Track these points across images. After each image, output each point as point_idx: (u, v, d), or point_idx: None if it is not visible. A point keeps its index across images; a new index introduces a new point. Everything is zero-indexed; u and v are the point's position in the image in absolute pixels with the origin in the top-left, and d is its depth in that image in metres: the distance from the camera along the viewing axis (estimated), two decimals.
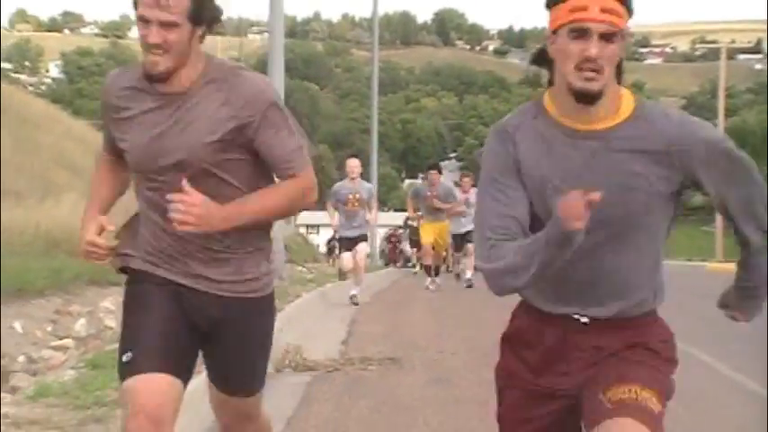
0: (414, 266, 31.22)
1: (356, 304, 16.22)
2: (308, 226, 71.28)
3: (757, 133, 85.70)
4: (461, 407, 7.93)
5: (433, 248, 20.14)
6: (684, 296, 20.88)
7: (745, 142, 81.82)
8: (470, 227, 20.82)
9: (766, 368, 6.67)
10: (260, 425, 4.42)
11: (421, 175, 49.49)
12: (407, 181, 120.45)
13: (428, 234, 19.98)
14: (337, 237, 17.37)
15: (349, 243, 16.62)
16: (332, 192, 16.69)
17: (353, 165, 16.51)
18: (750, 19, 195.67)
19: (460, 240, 20.78)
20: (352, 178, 16.45)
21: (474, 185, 22.32)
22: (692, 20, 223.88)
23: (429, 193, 19.49)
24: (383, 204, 54.43)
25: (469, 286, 20.22)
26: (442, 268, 22.86)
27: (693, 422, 7.40)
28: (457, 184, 21.92)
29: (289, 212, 3.99)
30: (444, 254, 22.96)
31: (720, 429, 7.40)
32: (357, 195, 16.34)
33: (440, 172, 19.89)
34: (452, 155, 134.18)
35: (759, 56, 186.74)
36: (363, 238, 16.92)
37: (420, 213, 20.83)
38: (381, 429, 7.16)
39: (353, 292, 16.66)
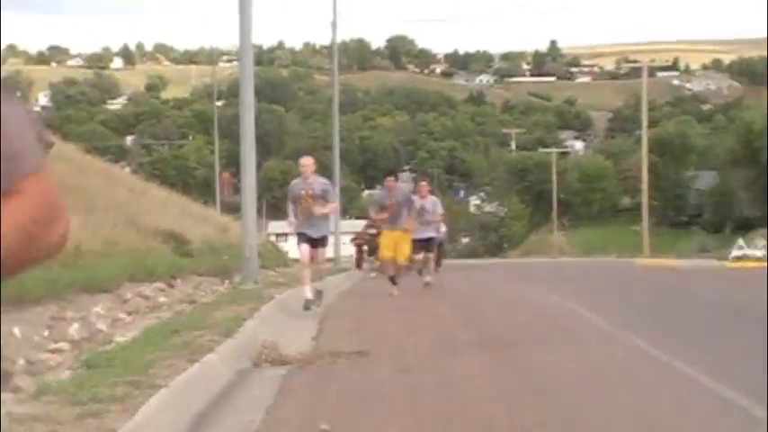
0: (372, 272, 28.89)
1: (308, 309, 14.34)
2: (277, 234, 70.90)
3: (676, 142, 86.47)
4: (424, 393, 7.90)
5: (394, 259, 18.10)
6: (616, 287, 20.99)
7: (666, 150, 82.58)
8: (431, 233, 19.94)
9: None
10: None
11: (378, 186, 49.22)
12: (366, 191, 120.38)
13: (388, 245, 18.00)
14: (295, 233, 15.01)
15: (309, 240, 14.72)
16: (287, 190, 15.18)
17: (306, 162, 14.86)
18: (667, 40, 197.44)
19: (421, 247, 19.25)
20: (306, 177, 14.70)
21: (431, 192, 21.92)
22: (617, 42, 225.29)
23: (388, 201, 17.83)
24: (345, 212, 54.32)
25: (427, 284, 19.59)
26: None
27: (627, 405, 7.40)
28: (413, 193, 20.58)
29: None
30: (406, 262, 19.87)
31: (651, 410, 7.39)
32: (310, 192, 14.55)
33: (396, 178, 18.80)
34: (406, 167, 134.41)
35: (676, 73, 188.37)
36: (322, 242, 15.06)
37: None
38: (353, 415, 7.11)
39: (309, 295, 14.64)
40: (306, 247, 14.57)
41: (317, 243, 14.75)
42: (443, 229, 25.55)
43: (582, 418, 6.89)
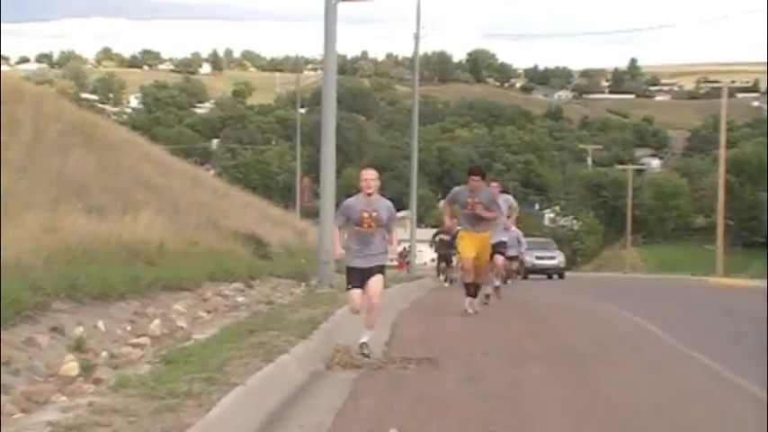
0: (447, 280, 28.25)
1: (366, 356, 10.36)
2: None
3: (754, 163, 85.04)
4: (490, 402, 7.89)
5: (476, 263, 15.20)
6: (689, 306, 20.70)
7: (743, 170, 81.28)
8: (503, 237, 18.43)
9: (767, 372, 6.53)
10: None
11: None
12: (442, 201, 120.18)
13: (468, 245, 15.16)
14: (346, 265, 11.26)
15: (360, 276, 10.90)
16: (339, 210, 11.28)
17: (369, 176, 10.91)
18: (748, 61, 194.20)
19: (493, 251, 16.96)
20: (368, 194, 10.83)
21: (504, 191, 19.98)
22: (697, 61, 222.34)
23: (470, 200, 14.77)
24: (420, 221, 54.36)
25: (486, 303, 17.13)
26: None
27: (695, 423, 7.32)
28: None
29: None
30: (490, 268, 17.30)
31: (721, 431, 7.30)
32: (374, 214, 10.75)
33: (482, 177, 15.18)
34: None
35: (756, 94, 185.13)
36: (379, 270, 10.96)
37: (457, 223, 16.44)
38: (419, 420, 7.12)
39: (364, 339, 10.68)
40: (357, 293, 10.91)
41: (370, 273, 10.93)
42: (515, 232, 22.70)
43: None
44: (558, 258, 44.15)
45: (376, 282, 10.85)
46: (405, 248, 42.22)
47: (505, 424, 7.04)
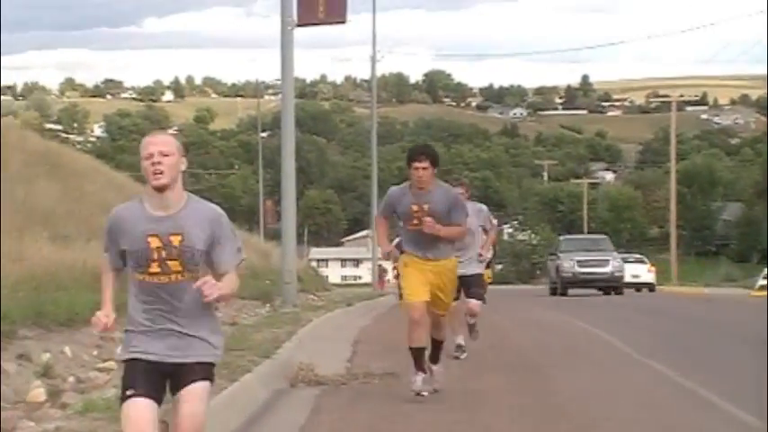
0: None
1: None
2: (318, 260, 71.01)
3: (704, 174, 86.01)
4: (451, 414, 7.94)
5: (431, 312, 8.70)
6: (645, 315, 20.86)
7: (694, 181, 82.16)
8: (478, 268, 11.29)
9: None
10: None
11: None
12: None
13: (415, 283, 8.61)
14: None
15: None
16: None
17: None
18: (696, 75, 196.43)
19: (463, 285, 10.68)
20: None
21: (469, 198, 11.24)
22: (647, 76, 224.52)
23: (415, 206, 8.58)
24: None
25: (458, 357, 11.51)
26: None
27: (643, 422, 7.40)
28: None
29: None
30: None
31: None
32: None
33: (434, 164, 8.73)
34: None
35: (704, 107, 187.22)
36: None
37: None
38: None
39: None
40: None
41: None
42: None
43: None
44: (612, 264, 31.17)
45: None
46: (380, 265, 42.19)
47: None
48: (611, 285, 30.69)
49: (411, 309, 8.55)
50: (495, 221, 11.91)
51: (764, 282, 38.12)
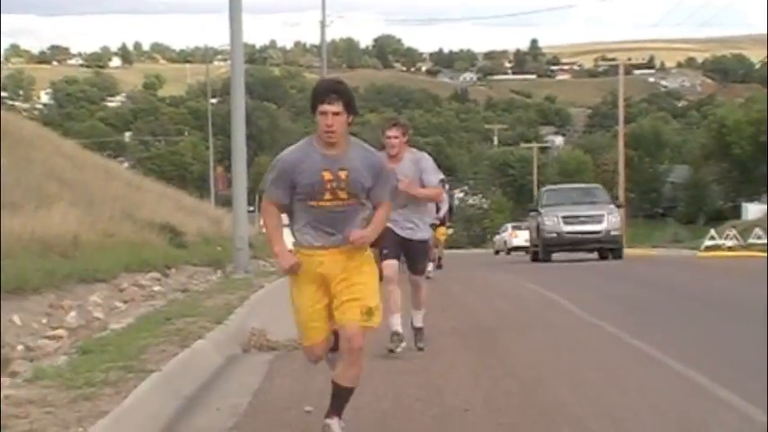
0: None
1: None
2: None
3: (651, 137, 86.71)
4: (403, 376, 7.97)
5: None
6: (595, 276, 21.03)
7: (641, 145, 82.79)
8: (422, 232, 9.35)
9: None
10: None
11: None
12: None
13: (304, 304, 6.47)
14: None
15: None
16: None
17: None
18: (644, 39, 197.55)
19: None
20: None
21: (409, 144, 8.38)
22: (595, 41, 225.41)
23: (316, 174, 5.88)
24: None
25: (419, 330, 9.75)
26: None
27: (590, 379, 7.46)
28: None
29: None
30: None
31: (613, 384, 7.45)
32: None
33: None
34: None
35: (652, 71, 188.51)
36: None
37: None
38: None
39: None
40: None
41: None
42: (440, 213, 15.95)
43: (552, 400, 6.95)
44: (608, 220, 25.42)
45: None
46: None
47: (417, 397, 7.12)
48: (607, 247, 25.34)
49: (309, 353, 6.52)
50: (441, 176, 10.17)
51: (711, 243, 38.79)
